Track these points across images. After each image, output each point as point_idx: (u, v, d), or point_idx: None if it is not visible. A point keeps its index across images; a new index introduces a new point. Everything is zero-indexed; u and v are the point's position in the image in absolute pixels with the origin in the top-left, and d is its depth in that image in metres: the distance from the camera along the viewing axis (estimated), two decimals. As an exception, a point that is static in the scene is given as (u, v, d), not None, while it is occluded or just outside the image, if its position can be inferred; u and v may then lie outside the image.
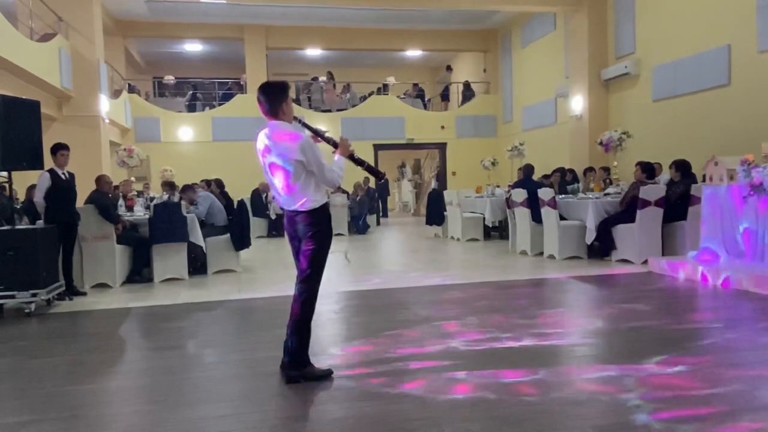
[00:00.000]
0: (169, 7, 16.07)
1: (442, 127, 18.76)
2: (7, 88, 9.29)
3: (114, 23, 16.47)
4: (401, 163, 23.79)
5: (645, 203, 7.66)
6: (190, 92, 18.98)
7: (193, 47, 20.17)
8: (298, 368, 3.52)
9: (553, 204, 8.42)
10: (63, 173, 6.60)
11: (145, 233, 7.54)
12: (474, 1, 14.29)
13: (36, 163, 6.24)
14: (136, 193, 10.71)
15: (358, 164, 3.75)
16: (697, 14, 10.31)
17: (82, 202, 7.14)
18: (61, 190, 6.50)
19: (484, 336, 4.46)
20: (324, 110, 18.37)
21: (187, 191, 8.46)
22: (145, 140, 16.35)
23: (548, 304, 5.76)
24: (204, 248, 7.87)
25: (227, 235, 8.17)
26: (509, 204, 9.61)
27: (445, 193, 12.48)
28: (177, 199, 8.47)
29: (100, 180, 7.47)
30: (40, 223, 6.71)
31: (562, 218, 8.45)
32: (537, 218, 8.78)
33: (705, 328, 4.63)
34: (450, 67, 20.01)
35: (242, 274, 7.98)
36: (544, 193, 8.60)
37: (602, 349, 4.14)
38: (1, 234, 5.92)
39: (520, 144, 13.21)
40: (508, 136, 17.65)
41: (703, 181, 7.18)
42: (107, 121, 13.24)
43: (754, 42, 9.08)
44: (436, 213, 12.41)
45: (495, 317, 5.07)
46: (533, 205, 8.77)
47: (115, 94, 15.41)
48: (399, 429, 2.86)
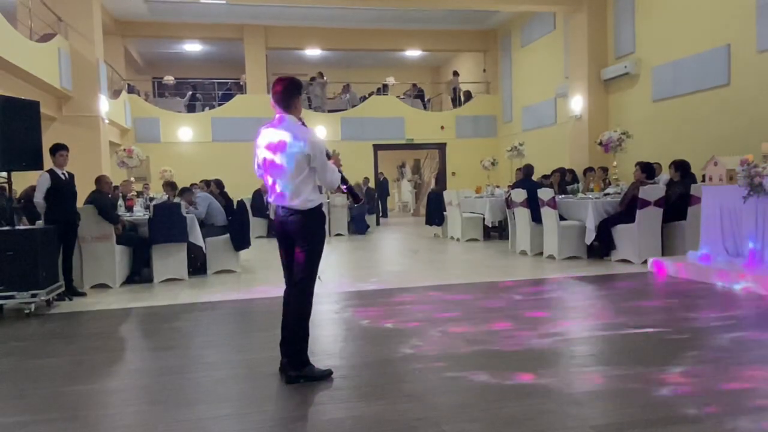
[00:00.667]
0: (168, 8, 16.08)
1: (442, 128, 18.76)
2: (6, 89, 9.29)
3: (114, 23, 16.48)
4: (401, 163, 23.81)
5: (645, 203, 7.66)
6: (190, 92, 18.98)
7: (192, 47, 20.17)
8: (297, 368, 3.52)
9: (552, 204, 8.42)
10: (62, 173, 6.60)
11: (144, 233, 7.54)
12: (474, 1, 14.31)
13: (35, 163, 6.24)
14: (135, 193, 10.71)
15: (342, 182, 3.77)
16: (697, 14, 10.31)
17: (81, 202, 7.14)
18: (60, 190, 6.50)
19: (483, 336, 4.47)
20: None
21: (184, 194, 8.45)
22: (144, 140, 16.37)
23: (548, 305, 5.75)
24: (204, 248, 7.88)
25: (227, 235, 8.17)
26: (509, 204, 9.62)
27: (445, 193, 12.48)
28: (177, 200, 8.47)
29: (99, 180, 7.46)
30: (39, 224, 6.71)
31: (561, 218, 8.45)
32: (537, 218, 8.79)
33: (705, 327, 4.63)
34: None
35: (242, 275, 7.98)
36: (544, 193, 8.61)
37: (602, 350, 4.14)
38: (1, 234, 5.90)
39: (520, 144, 13.21)
40: (507, 136, 17.65)
41: (703, 181, 7.18)
42: (107, 121, 13.24)
43: (754, 42, 9.09)
44: (435, 213, 12.41)
45: (494, 317, 5.07)
46: (533, 205, 8.77)
47: (115, 94, 15.41)
48: (399, 429, 2.86)
